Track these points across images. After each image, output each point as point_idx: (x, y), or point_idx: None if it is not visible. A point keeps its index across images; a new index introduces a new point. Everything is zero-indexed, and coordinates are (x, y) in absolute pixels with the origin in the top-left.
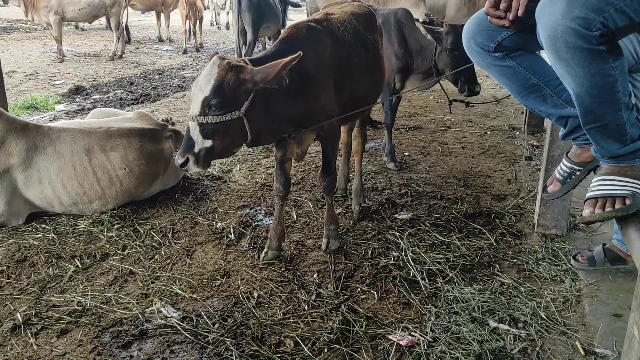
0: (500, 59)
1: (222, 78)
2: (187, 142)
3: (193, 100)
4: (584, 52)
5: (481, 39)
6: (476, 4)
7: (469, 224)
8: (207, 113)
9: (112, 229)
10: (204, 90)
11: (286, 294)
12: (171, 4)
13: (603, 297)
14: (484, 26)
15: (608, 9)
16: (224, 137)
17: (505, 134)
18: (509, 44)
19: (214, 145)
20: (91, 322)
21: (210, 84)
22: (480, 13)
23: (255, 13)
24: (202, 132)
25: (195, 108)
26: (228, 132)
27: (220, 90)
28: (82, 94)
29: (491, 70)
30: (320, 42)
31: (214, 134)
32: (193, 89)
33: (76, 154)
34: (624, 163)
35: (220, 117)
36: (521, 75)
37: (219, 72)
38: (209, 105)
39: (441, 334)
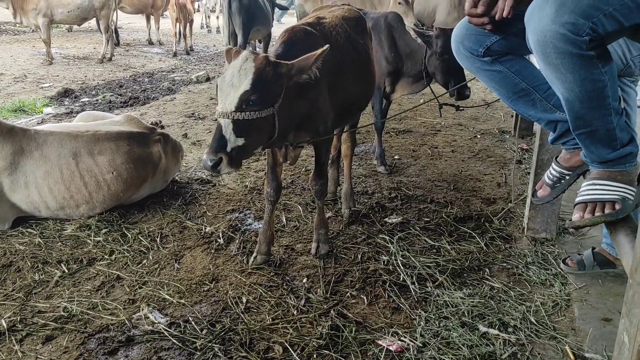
0: (489, 63)
1: (260, 72)
2: (218, 141)
3: (223, 97)
4: (574, 58)
5: (470, 44)
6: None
7: (459, 228)
8: (245, 109)
9: (99, 233)
10: (239, 85)
11: (275, 299)
12: (161, 6)
13: (592, 301)
14: (473, 31)
15: (597, 14)
16: (257, 135)
17: (495, 137)
18: (498, 48)
19: (246, 144)
20: (77, 329)
21: (247, 78)
22: None
23: (246, 16)
24: (235, 130)
25: (229, 104)
26: (261, 129)
27: (260, 85)
28: (71, 97)
29: (480, 74)
30: (317, 45)
31: (248, 131)
32: (220, 84)
33: (63, 157)
34: (614, 168)
35: (258, 114)
36: (510, 79)
37: (256, 66)
38: (248, 101)
39: (431, 339)
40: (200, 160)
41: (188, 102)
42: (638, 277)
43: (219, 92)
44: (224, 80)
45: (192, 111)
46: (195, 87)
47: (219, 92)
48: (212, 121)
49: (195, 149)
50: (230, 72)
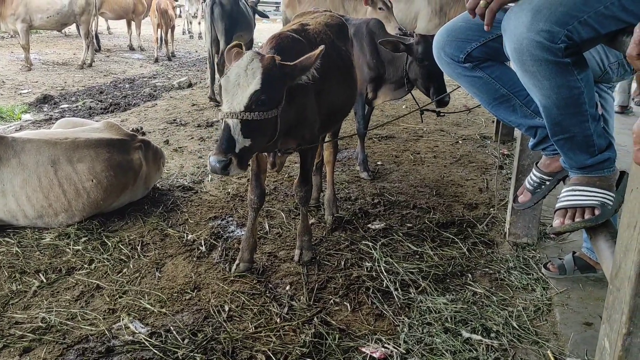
0: (470, 69)
1: (268, 72)
2: (227, 142)
3: (229, 97)
4: (550, 65)
5: (451, 50)
6: (447, 14)
7: (441, 233)
8: (254, 109)
9: (78, 242)
10: (247, 85)
11: (258, 307)
12: (142, 12)
13: (574, 305)
14: (454, 37)
15: (572, 22)
16: (262, 137)
17: (476, 143)
18: (479, 54)
19: (252, 145)
20: (55, 340)
21: (256, 78)
22: (450, 24)
23: (228, 21)
24: (243, 130)
25: (237, 104)
26: (266, 130)
27: (268, 85)
28: (50, 103)
29: (461, 80)
30: (303, 52)
31: (256, 132)
32: (225, 85)
33: (41, 165)
34: (592, 173)
35: (265, 114)
36: (491, 85)
37: (264, 66)
38: (258, 101)
39: (414, 346)
40: (204, 162)
41: (170, 108)
42: (618, 282)
43: (224, 92)
44: (228, 81)
45: (173, 117)
46: (177, 93)
47: (224, 93)
48: (194, 127)
49: (177, 156)
50: (236, 72)
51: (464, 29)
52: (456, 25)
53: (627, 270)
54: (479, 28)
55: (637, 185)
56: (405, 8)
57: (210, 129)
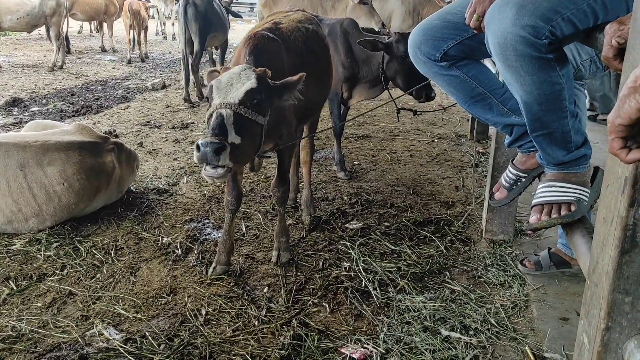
0: (447, 68)
1: (262, 79)
2: (220, 128)
3: (222, 93)
4: (533, 60)
5: (427, 49)
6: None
7: (418, 232)
8: (249, 106)
9: (50, 247)
10: (243, 84)
11: (235, 310)
12: (114, 13)
13: (550, 301)
14: (430, 36)
15: (556, 18)
16: (251, 140)
17: (452, 141)
18: (455, 53)
19: (242, 145)
20: (26, 348)
21: (251, 79)
22: (425, 22)
23: (202, 22)
24: (235, 124)
25: (232, 97)
26: (255, 136)
27: (263, 90)
28: (20, 106)
29: (438, 79)
30: (278, 52)
31: (246, 131)
32: (217, 85)
33: (10, 169)
34: (569, 170)
35: (256, 117)
36: (467, 84)
37: (258, 73)
38: (253, 99)
39: (394, 345)
40: (193, 149)
41: (143, 110)
42: (595, 278)
43: (216, 90)
44: (220, 82)
45: (147, 119)
46: (151, 95)
47: (216, 91)
48: (169, 129)
49: (152, 158)
50: (228, 76)
51: (439, 28)
52: (431, 23)
53: (605, 265)
54: (455, 26)
55: (613, 180)
56: (379, 7)
57: (185, 131)
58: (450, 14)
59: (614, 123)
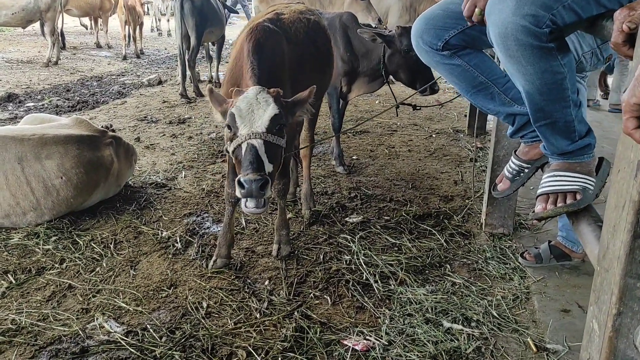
0: (449, 57)
1: (278, 102)
2: (258, 162)
3: (247, 122)
4: (534, 50)
5: (429, 38)
6: (417, 10)
7: (418, 226)
8: (274, 132)
9: (48, 241)
10: (265, 110)
11: (237, 303)
12: (109, 9)
13: (551, 293)
14: (432, 25)
15: (557, 6)
16: (278, 165)
17: (450, 136)
18: (457, 42)
19: (273, 172)
20: (27, 341)
21: (270, 105)
22: (427, 12)
23: (199, 17)
24: (267, 153)
25: (259, 124)
26: (279, 159)
27: (282, 113)
28: (15, 102)
29: (440, 68)
30: (279, 42)
31: (275, 157)
32: (238, 113)
33: (8, 162)
34: (573, 159)
35: (280, 141)
36: (469, 73)
37: (273, 97)
38: (277, 125)
39: (396, 337)
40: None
41: (140, 105)
42: (606, 263)
43: (239, 119)
44: (240, 110)
45: (144, 115)
46: (147, 91)
47: (239, 120)
48: (166, 124)
49: (149, 153)
50: (247, 102)
51: (441, 17)
52: (434, 13)
53: (616, 250)
54: (457, 16)
55: (624, 165)
56: (376, 3)
57: (183, 126)
58: (453, 3)
59: (629, 102)
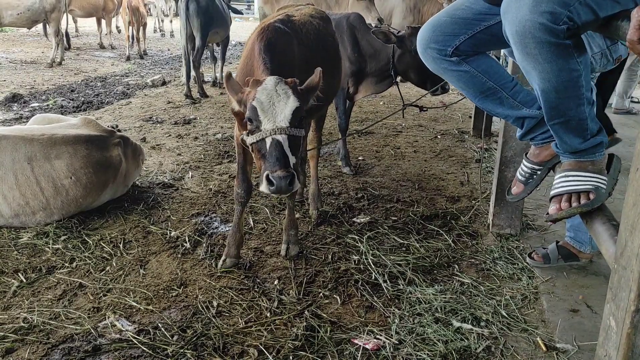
0: (457, 64)
1: (297, 92)
2: (284, 157)
3: (270, 116)
4: (552, 47)
5: (437, 45)
6: (421, 11)
7: (426, 226)
8: (297, 125)
9: (58, 240)
10: (286, 103)
11: (247, 302)
12: (112, 9)
13: (559, 293)
14: (440, 32)
15: (573, 3)
16: (299, 154)
17: (455, 137)
18: (466, 47)
19: (296, 163)
20: (39, 340)
21: (290, 97)
22: (434, 20)
23: (204, 18)
24: (290, 146)
25: (281, 120)
26: (300, 148)
27: (302, 104)
28: (20, 102)
29: (447, 75)
30: (290, 43)
31: (297, 148)
32: (260, 106)
33: (17, 162)
34: (585, 158)
35: (301, 132)
36: (478, 79)
37: (292, 88)
38: (299, 118)
39: (406, 336)
40: (263, 183)
41: (145, 106)
42: (624, 261)
43: (262, 113)
44: (262, 103)
45: (149, 115)
46: (152, 91)
47: (262, 114)
48: (171, 125)
49: (155, 153)
50: (267, 94)
51: (449, 24)
52: (440, 20)
53: (635, 247)
54: (465, 22)
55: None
56: (380, 4)
57: (188, 126)
58: (459, 10)
59: None
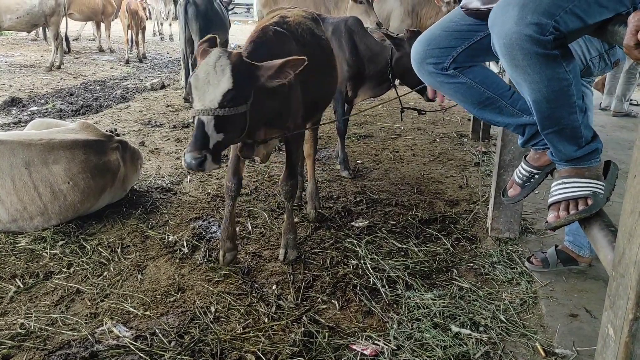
0: (453, 76)
1: (236, 69)
2: (201, 139)
3: (200, 94)
4: (540, 58)
5: (433, 59)
6: (419, 14)
7: (424, 230)
8: (226, 105)
9: (55, 245)
10: (218, 82)
11: (245, 307)
12: (111, 13)
13: (558, 297)
14: (435, 46)
15: (559, 12)
16: (234, 131)
17: (453, 141)
18: (463, 59)
19: (225, 139)
20: (36, 346)
21: (226, 75)
22: (427, 35)
23: (202, 22)
24: (216, 126)
25: (210, 101)
26: (237, 124)
27: (239, 81)
28: (18, 106)
29: (444, 88)
30: (287, 42)
31: (228, 127)
32: (195, 83)
33: (15, 167)
34: (581, 165)
35: (236, 109)
36: (475, 90)
37: (232, 63)
38: (229, 97)
39: (405, 342)
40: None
41: (143, 109)
42: (622, 269)
43: (194, 90)
44: (198, 79)
45: (148, 119)
46: (151, 95)
47: (194, 90)
48: (170, 128)
49: (154, 157)
50: (205, 70)
51: (444, 37)
52: (435, 34)
53: (633, 255)
54: (460, 34)
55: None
56: (377, 7)
57: (187, 130)
58: (452, 22)
59: None
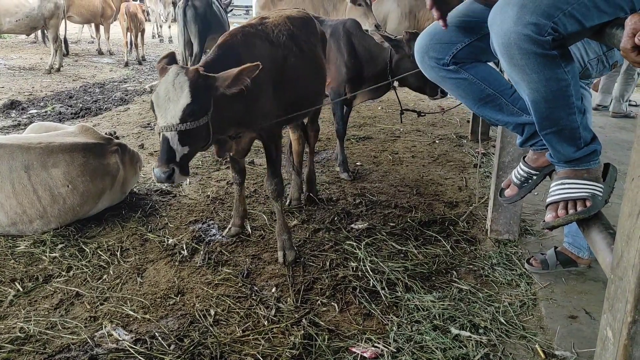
0: (455, 71)
1: (194, 84)
2: (168, 154)
3: (162, 112)
4: (538, 58)
5: (435, 54)
6: (417, 16)
7: (424, 232)
8: (187, 120)
9: (55, 249)
10: (178, 98)
11: (244, 310)
12: (111, 15)
13: (558, 299)
14: (437, 40)
15: (557, 14)
16: (198, 142)
17: (453, 142)
18: (464, 55)
19: (190, 151)
20: (36, 350)
21: (184, 91)
22: (431, 28)
23: (201, 24)
24: (180, 140)
25: (171, 118)
26: (200, 136)
27: (198, 97)
28: (18, 109)
29: (446, 83)
30: (256, 45)
31: (191, 139)
32: (156, 101)
33: (14, 171)
34: (580, 166)
35: (197, 123)
36: (476, 86)
37: (191, 80)
38: (189, 112)
39: (404, 344)
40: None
41: (143, 112)
42: (620, 271)
43: (156, 107)
44: (159, 97)
45: (147, 121)
46: (150, 97)
47: (157, 108)
48: None
49: (153, 160)
50: (164, 88)
51: (446, 32)
52: (437, 29)
53: (631, 258)
54: (462, 30)
55: (638, 173)
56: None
57: None
58: (455, 18)
59: None
